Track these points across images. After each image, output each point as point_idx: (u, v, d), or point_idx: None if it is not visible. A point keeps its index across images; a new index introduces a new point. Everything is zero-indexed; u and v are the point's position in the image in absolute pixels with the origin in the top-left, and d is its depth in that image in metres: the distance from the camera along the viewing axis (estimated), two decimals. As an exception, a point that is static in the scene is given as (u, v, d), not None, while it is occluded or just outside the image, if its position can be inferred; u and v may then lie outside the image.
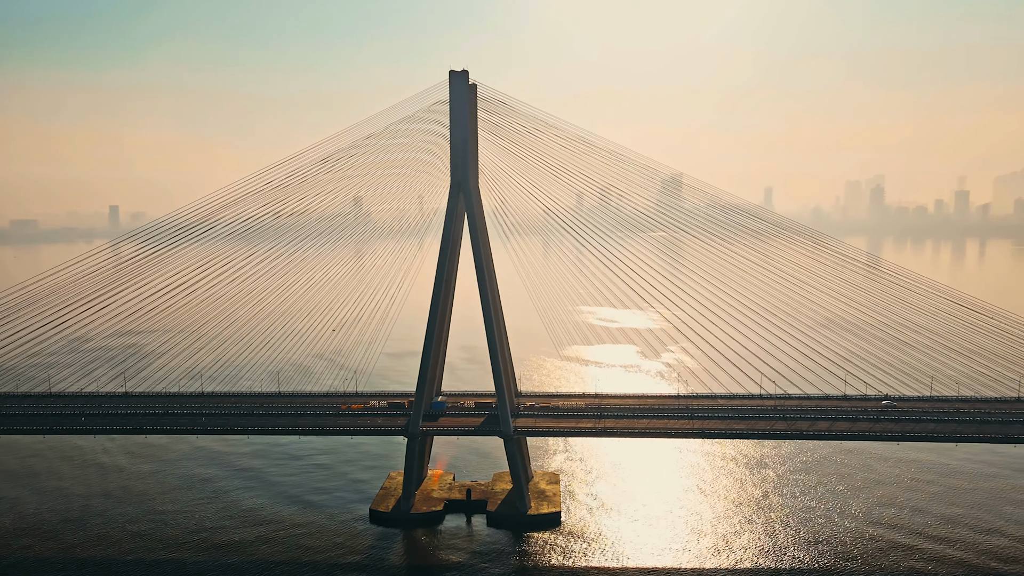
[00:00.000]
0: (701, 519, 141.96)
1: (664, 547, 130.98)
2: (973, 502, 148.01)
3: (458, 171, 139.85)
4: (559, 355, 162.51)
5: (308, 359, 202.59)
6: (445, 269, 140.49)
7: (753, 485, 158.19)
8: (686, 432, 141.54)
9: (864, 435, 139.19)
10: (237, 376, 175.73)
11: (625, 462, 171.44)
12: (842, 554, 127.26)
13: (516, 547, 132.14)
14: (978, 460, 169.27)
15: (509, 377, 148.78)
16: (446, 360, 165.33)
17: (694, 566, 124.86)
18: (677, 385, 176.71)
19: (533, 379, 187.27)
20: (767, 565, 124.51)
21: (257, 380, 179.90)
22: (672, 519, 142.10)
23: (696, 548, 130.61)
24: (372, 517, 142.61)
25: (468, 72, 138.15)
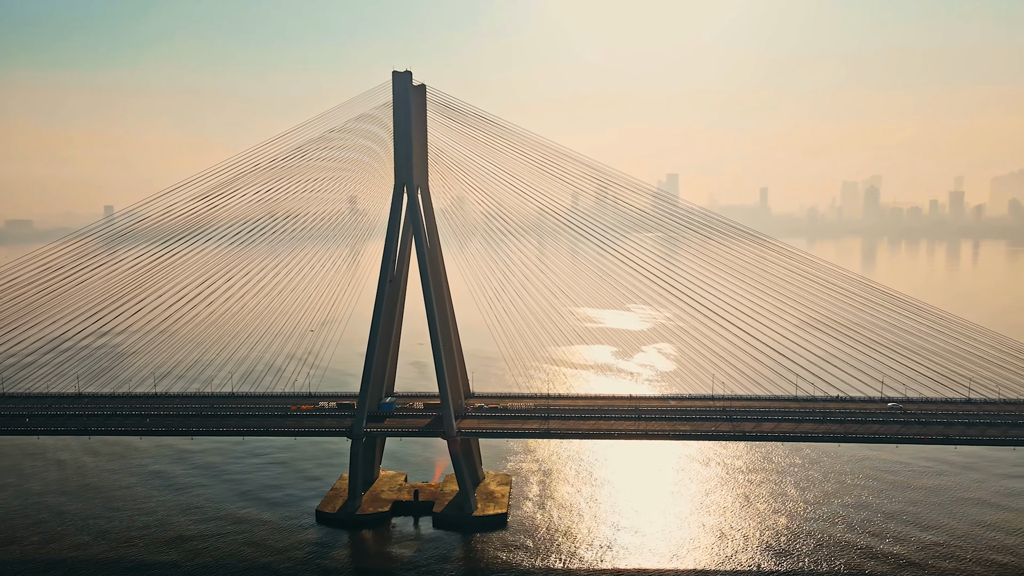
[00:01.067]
0: (649, 520, 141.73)
1: (608, 547, 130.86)
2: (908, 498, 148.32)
3: (402, 171, 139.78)
4: (521, 355, 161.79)
5: (282, 359, 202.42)
6: (389, 269, 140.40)
7: (707, 484, 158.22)
8: (631, 434, 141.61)
9: (808, 436, 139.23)
10: (206, 377, 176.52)
11: (586, 463, 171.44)
12: (781, 552, 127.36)
13: (457, 548, 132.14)
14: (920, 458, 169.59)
15: (456, 378, 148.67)
16: (421, 361, 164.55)
17: (638, 566, 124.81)
18: (646, 386, 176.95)
19: (493, 380, 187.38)
20: (713, 566, 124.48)
21: (227, 381, 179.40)
22: (621, 520, 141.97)
23: (641, 548, 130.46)
24: (319, 518, 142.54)
25: (411, 73, 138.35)
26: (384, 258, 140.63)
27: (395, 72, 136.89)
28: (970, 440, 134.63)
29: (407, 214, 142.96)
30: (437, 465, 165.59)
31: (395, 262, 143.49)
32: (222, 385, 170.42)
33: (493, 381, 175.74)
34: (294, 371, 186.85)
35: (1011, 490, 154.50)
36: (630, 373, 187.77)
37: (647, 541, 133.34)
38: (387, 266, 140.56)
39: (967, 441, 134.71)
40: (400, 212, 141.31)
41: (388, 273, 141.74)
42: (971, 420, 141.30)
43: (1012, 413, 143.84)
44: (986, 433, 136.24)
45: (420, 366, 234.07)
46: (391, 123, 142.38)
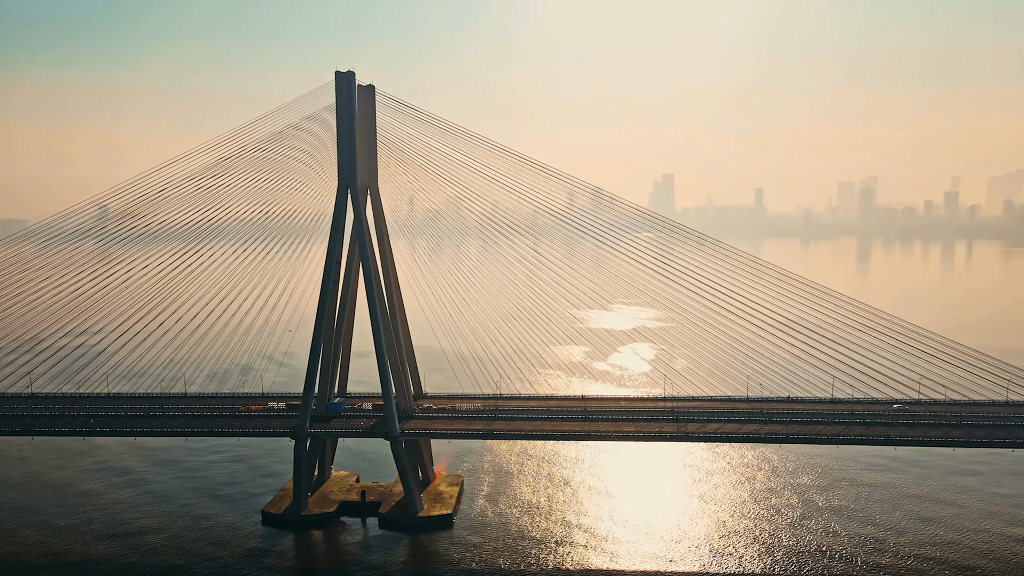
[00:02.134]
0: (599, 520, 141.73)
1: (554, 548, 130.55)
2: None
3: (345, 172, 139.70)
4: (478, 355, 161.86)
5: (256, 359, 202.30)
6: (333, 269, 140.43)
7: (660, 483, 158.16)
8: (575, 435, 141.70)
9: (751, 437, 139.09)
10: (175, 377, 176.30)
11: (544, 463, 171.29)
12: (722, 550, 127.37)
13: (400, 550, 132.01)
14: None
15: (403, 379, 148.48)
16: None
17: (584, 566, 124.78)
18: (605, 387, 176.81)
19: (451, 380, 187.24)
20: (656, 566, 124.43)
21: (197, 382, 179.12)
22: (571, 519, 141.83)
23: (588, 549, 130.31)
24: (264, 518, 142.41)
25: (355, 73, 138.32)
26: (328, 259, 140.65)
27: (338, 72, 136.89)
28: (910, 441, 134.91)
29: (358, 214, 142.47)
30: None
31: (339, 263, 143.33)
32: (197, 386, 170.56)
33: (450, 382, 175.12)
34: (269, 371, 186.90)
35: (954, 486, 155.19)
36: (592, 374, 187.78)
37: (595, 541, 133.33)
38: (331, 267, 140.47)
39: (907, 442, 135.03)
40: (344, 213, 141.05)
41: (332, 273, 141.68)
42: (915, 421, 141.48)
43: (955, 414, 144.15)
44: (928, 434, 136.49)
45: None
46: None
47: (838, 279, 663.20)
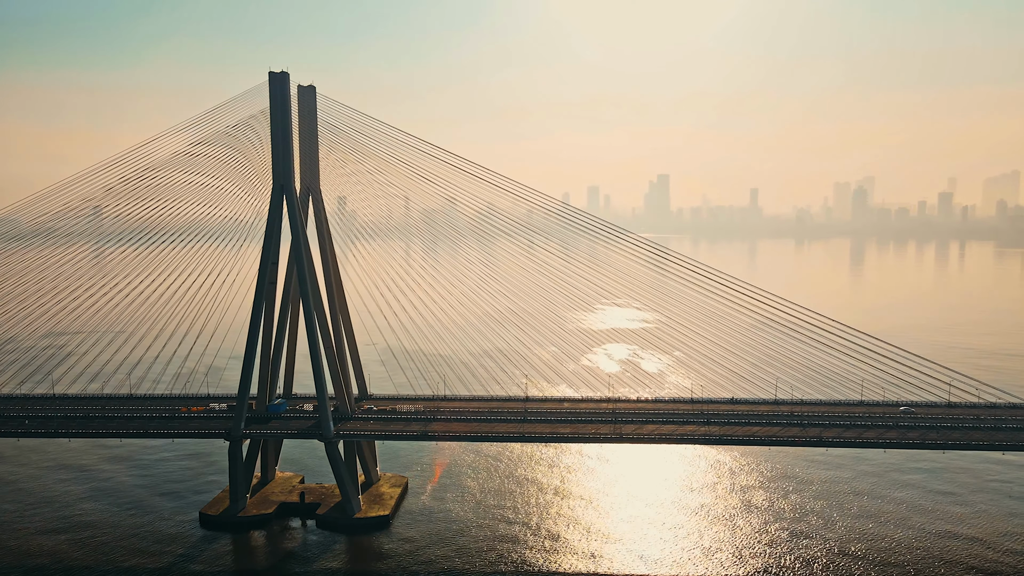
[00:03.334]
0: (541, 519, 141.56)
1: (486, 549, 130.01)
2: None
3: (280, 173, 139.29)
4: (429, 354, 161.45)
5: (222, 360, 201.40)
6: (268, 269, 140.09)
7: (603, 483, 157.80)
8: (510, 436, 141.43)
9: (687, 438, 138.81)
10: (142, 378, 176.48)
11: (492, 463, 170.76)
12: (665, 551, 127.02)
13: (333, 551, 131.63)
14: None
15: (341, 380, 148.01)
16: (364, 360, 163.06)
17: (517, 568, 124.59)
18: (551, 388, 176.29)
19: (401, 381, 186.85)
20: (588, 567, 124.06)
21: (146, 383, 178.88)
22: (510, 519, 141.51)
23: (523, 550, 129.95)
24: (202, 520, 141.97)
25: (289, 74, 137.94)
26: (263, 259, 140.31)
27: (271, 73, 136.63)
28: (843, 442, 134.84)
29: (293, 215, 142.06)
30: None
31: (276, 264, 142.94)
32: (150, 387, 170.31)
33: (406, 383, 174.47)
34: (230, 370, 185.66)
35: (896, 482, 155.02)
36: (540, 375, 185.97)
37: (536, 540, 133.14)
38: (266, 267, 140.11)
39: (840, 443, 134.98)
40: (280, 214, 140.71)
41: (269, 274, 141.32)
42: (851, 422, 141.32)
43: (888, 415, 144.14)
44: (863, 436, 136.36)
45: (378, 367, 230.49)
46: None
47: (824, 279, 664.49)
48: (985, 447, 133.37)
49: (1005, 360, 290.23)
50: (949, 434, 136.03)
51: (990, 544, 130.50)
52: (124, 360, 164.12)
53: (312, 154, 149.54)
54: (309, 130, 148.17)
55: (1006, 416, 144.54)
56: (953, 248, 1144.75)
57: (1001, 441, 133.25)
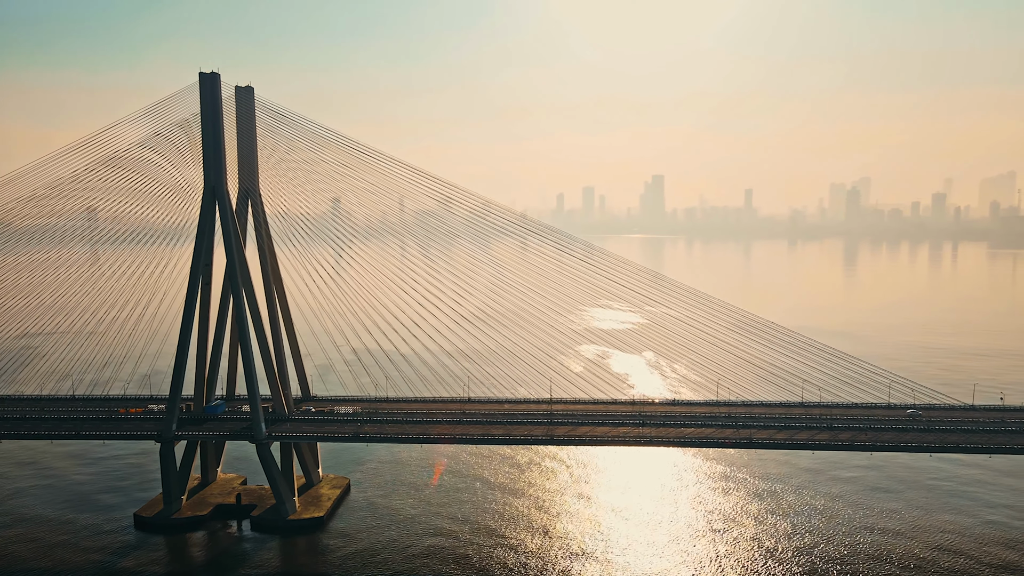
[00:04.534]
0: (477, 523, 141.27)
1: (418, 552, 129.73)
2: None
3: (211, 174, 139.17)
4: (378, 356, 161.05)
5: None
6: (199, 271, 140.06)
7: (541, 483, 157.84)
8: (444, 438, 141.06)
9: (621, 439, 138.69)
10: (91, 380, 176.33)
11: (434, 466, 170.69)
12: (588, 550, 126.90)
13: (263, 552, 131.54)
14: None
15: (277, 382, 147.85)
16: (328, 363, 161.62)
17: (449, 570, 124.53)
18: (494, 389, 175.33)
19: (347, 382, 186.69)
20: (519, 567, 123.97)
21: (108, 384, 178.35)
22: (443, 524, 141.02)
23: (451, 551, 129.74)
24: (137, 522, 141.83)
25: (220, 75, 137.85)
26: (194, 259, 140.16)
27: (201, 73, 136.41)
28: (772, 444, 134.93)
29: (224, 217, 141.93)
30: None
31: (209, 264, 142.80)
32: (99, 388, 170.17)
33: (365, 384, 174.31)
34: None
35: (829, 479, 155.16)
36: (487, 376, 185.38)
37: (474, 538, 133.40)
38: (198, 268, 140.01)
39: (769, 445, 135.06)
40: (213, 215, 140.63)
41: (203, 275, 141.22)
42: (785, 424, 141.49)
43: (824, 416, 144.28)
44: (794, 438, 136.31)
45: (326, 368, 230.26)
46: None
47: (810, 281, 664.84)
48: (914, 449, 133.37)
49: (972, 360, 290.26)
50: (880, 435, 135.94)
51: (919, 540, 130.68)
52: (71, 361, 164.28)
53: (251, 156, 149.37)
54: (247, 132, 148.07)
55: (942, 417, 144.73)
56: (945, 249, 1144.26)
57: (931, 443, 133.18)
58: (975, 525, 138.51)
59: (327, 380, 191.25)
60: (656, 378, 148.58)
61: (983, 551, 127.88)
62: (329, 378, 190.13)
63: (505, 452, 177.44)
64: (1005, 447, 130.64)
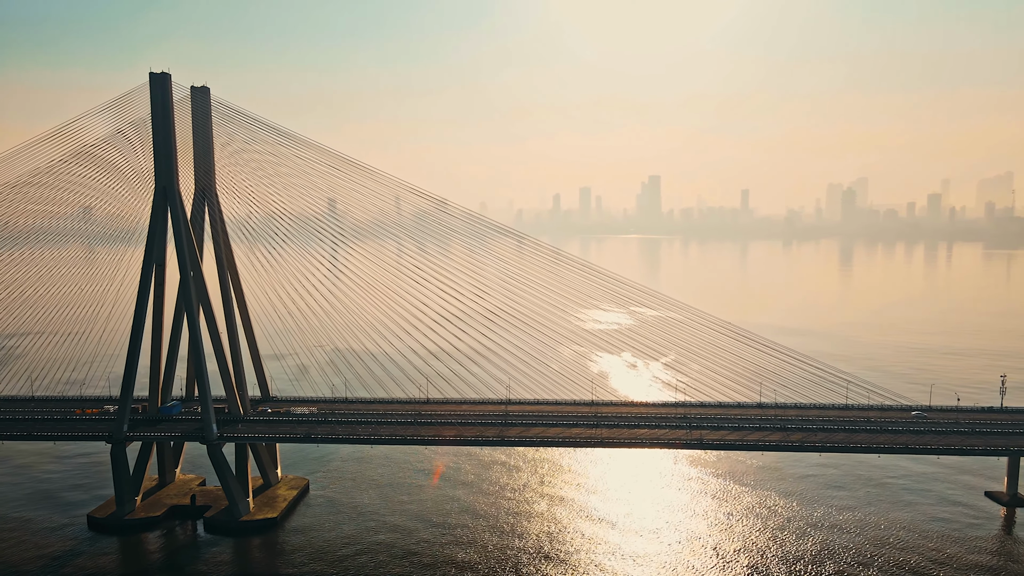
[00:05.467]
0: (432, 524, 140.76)
1: (373, 550, 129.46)
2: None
3: (162, 174, 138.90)
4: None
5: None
6: (151, 271, 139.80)
7: (500, 483, 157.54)
8: (396, 440, 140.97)
9: (566, 441, 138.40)
10: (51, 381, 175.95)
11: (399, 466, 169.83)
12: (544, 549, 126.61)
13: (213, 553, 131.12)
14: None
15: (232, 383, 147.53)
16: (304, 363, 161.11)
17: (403, 567, 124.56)
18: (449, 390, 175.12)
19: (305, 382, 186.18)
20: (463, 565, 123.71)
21: (67, 384, 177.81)
22: (399, 524, 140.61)
23: (405, 552, 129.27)
24: (90, 523, 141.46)
25: (170, 75, 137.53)
26: (145, 259, 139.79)
27: (152, 73, 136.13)
28: (723, 445, 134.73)
29: (176, 216, 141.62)
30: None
31: (163, 264, 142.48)
32: (64, 389, 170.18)
33: (337, 384, 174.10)
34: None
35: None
36: (443, 376, 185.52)
37: (413, 543, 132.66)
38: (149, 268, 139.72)
39: (720, 446, 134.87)
40: (165, 215, 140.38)
41: (156, 275, 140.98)
42: (739, 424, 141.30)
43: (779, 416, 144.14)
44: (746, 439, 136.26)
45: (303, 369, 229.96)
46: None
47: (799, 281, 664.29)
48: (863, 450, 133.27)
49: (946, 360, 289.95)
50: (831, 436, 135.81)
51: (866, 535, 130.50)
52: (32, 361, 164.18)
53: (207, 156, 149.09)
54: (203, 132, 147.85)
55: (897, 418, 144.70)
56: (940, 250, 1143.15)
57: (881, 443, 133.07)
58: (924, 521, 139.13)
59: (294, 381, 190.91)
60: (616, 379, 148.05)
61: (927, 546, 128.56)
62: (290, 379, 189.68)
63: (471, 451, 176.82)
64: (954, 448, 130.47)
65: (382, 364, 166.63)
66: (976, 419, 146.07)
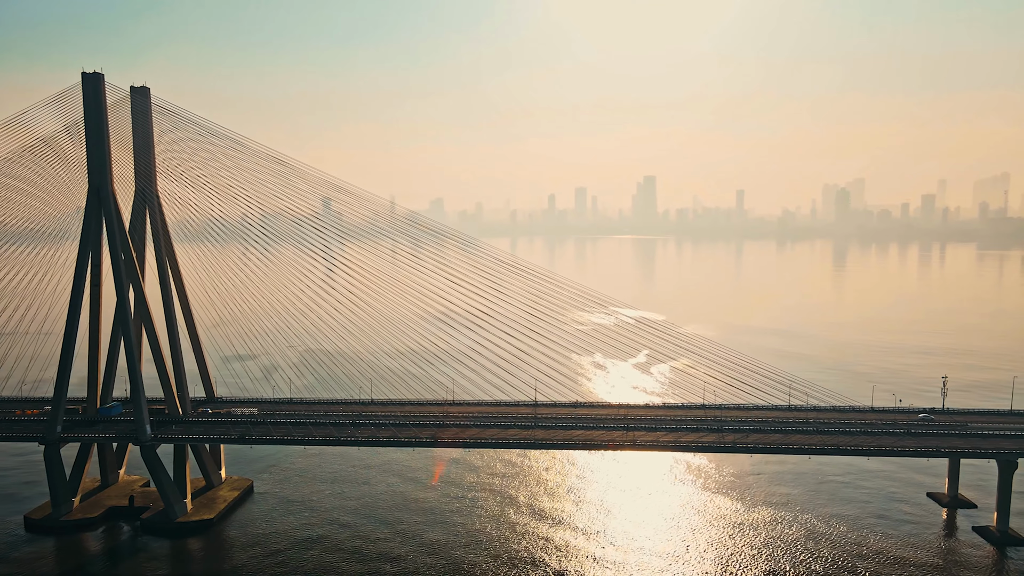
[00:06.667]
0: (372, 525, 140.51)
1: (309, 552, 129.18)
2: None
3: (95, 175, 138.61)
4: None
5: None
6: (85, 271, 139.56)
7: (440, 483, 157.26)
8: (328, 441, 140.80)
9: (501, 443, 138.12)
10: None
11: (349, 468, 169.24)
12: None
13: (145, 554, 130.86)
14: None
15: (171, 384, 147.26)
16: (276, 363, 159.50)
17: (338, 562, 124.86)
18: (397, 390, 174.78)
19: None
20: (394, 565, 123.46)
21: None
22: (345, 519, 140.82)
23: (346, 552, 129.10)
24: (27, 524, 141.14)
25: (103, 75, 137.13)
26: (79, 259, 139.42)
27: (84, 73, 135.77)
28: (657, 445, 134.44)
29: (109, 217, 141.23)
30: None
31: (99, 265, 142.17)
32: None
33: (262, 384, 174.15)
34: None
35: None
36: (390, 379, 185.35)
37: (352, 538, 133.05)
38: (83, 268, 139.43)
39: (654, 447, 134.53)
40: (99, 215, 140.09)
41: (93, 276, 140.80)
42: (676, 426, 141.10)
43: (712, 418, 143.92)
44: (680, 440, 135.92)
45: (271, 369, 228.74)
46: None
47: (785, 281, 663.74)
48: (794, 451, 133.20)
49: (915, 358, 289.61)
50: (767, 437, 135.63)
51: (804, 533, 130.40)
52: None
53: (147, 157, 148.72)
54: (143, 133, 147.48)
55: (835, 419, 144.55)
56: (933, 250, 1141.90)
57: (813, 444, 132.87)
58: (865, 519, 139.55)
59: (242, 383, 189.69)
60: (559, 381, 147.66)
61: (866, 545, 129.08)
62: (235, 378, 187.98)
63: (440, 451, 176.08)
64: (885, 449, 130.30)
65: (329, 366, 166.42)
66: (913, 419, 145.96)
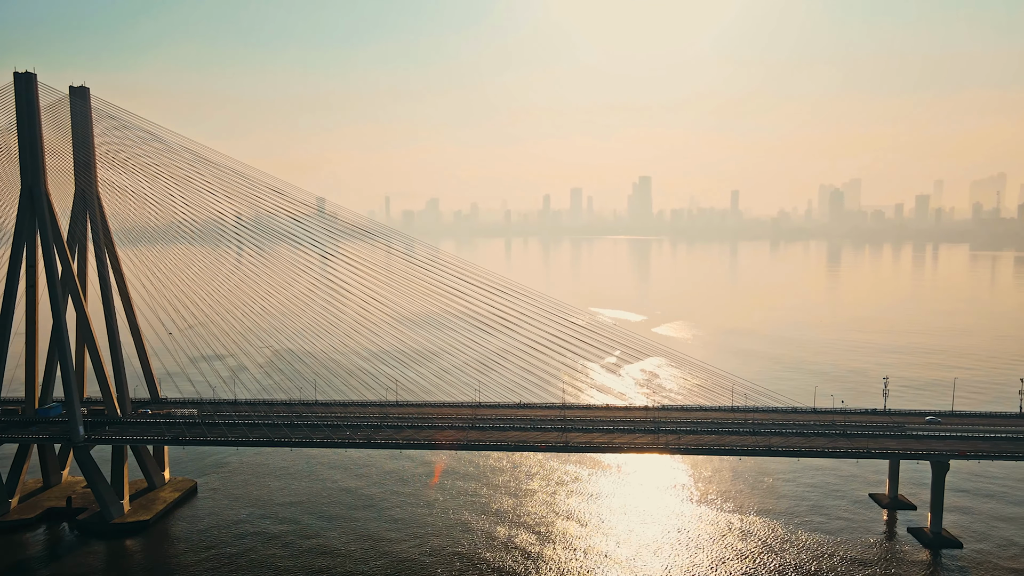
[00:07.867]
0: (317, 513, 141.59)
1: (239, 549, 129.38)
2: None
3: (28, 174, 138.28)
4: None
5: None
6: (17, 272, 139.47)
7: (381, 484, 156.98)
8: (262, 442, 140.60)
9: (462, 445, 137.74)
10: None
11: (299, 469, 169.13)
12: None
13: (77, 555, 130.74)
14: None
15: (108, 384, 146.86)
16: (266, 363, 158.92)
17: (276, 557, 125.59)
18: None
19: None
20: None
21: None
22: (278, 512, 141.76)
23: (288, 551, 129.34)
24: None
25: (36, 75, 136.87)
26: (11, 260, 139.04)
27: (16, 73, 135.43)
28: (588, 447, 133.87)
29: (41, 217, 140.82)
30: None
31: (35, 266, 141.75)
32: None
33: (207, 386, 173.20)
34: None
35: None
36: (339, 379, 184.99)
37: (298, 539, 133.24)
38: (16, 269, 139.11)
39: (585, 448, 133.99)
40: (32, 216, 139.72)
41: (20, 274, 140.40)
42: (613, 427, 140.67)
43: (651, 419, 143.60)
44: (613, 441, 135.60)
45: (265, 369, 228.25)
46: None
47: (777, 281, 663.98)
48: (727, 452, 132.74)
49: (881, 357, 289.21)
50: (701, 438, 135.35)
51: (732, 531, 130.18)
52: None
53: (87, 157, 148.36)
54: (83, 133, 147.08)
55: (768, 420, 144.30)
56: (926, 251, 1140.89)
57: (748, 446, 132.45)
58: (806, 519, 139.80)
59: (185, 383, 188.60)
60: (496, 381, 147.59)
61: (805, 545, 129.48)
62: (185, 380, 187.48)
63: (371, 456, 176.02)
64: (816, 451, 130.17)
65: (276, 367, 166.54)
66: (854, 420, 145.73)
